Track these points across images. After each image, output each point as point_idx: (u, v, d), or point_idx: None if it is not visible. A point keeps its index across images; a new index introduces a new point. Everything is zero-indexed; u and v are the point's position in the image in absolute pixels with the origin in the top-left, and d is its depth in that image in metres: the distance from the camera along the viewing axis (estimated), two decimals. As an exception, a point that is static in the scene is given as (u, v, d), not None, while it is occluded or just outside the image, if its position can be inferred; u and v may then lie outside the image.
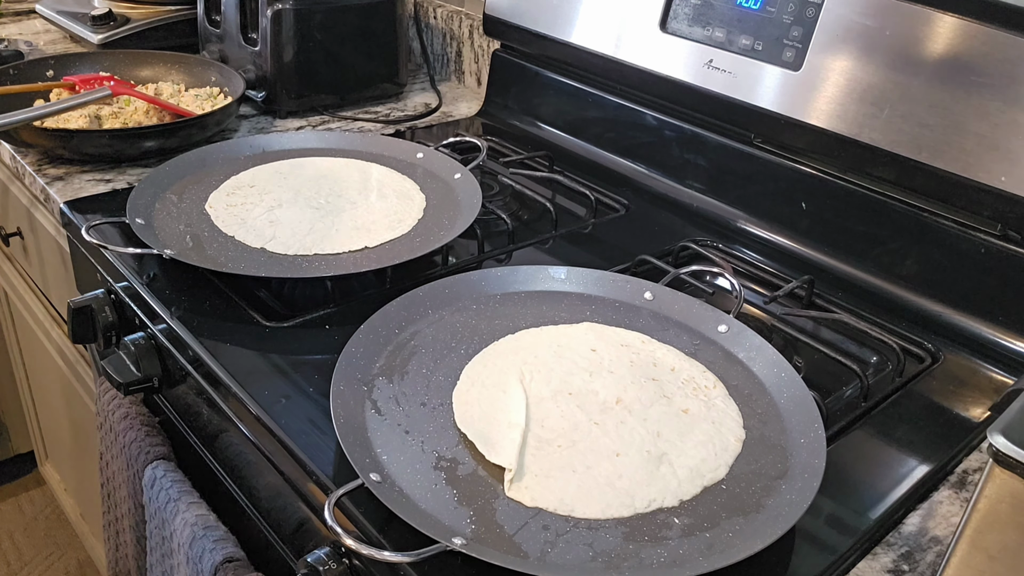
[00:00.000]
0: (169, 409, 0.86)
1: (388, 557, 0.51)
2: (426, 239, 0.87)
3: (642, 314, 0.77)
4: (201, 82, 1.25)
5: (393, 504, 0.53)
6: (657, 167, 1.08)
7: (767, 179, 0.96)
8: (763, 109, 0.93)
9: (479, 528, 0.54)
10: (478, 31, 1.37)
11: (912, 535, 0.59)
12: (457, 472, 0.58)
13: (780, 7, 0.90)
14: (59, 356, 1.35)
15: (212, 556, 0.69)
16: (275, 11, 1.17)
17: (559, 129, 1.19)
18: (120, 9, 1.40)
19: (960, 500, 0.62)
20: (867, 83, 0.84)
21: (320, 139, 1.09)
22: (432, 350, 0.70)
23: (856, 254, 0.89)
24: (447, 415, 0.64)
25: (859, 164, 0.87)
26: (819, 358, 0.76)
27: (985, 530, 0.45)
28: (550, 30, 1.15)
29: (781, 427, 0.64)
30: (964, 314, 0.81)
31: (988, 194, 0.77)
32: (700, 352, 0.72)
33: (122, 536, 0.95)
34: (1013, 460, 0.42)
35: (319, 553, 0.57)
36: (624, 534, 0.55)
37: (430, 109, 1.32)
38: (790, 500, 0.56)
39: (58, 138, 1.02)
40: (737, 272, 0.88)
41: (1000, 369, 0.77)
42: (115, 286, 0.85)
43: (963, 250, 0.81)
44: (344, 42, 1.25)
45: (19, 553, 1.79)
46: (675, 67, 1.01)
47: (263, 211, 0.90)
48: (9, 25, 1.57)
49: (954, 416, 0.71)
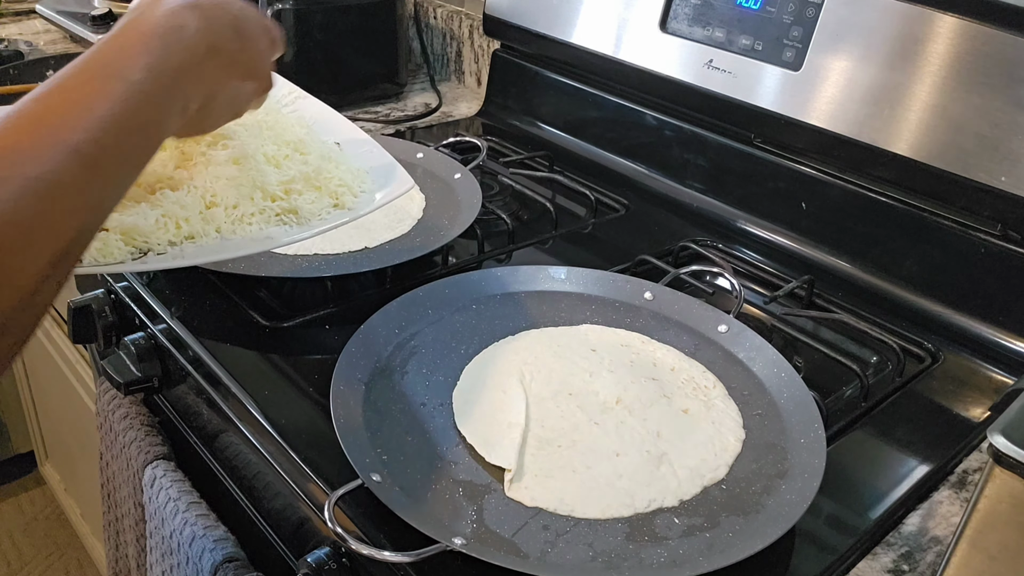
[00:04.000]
0: (169, 409, 0.86)
1: (388, 557, 0.51)
2: (426, 239, 0.87)
3: (642, 314, 0.77)
4: (201, 82, 1.24)
5: (393, 504, 0.53)
6: (657, 167, 1.08)
7: (767, 179, 0.96)
8: (763, 109, 0.93)
9: (479, 528, 0.54)
10: (478, 31, 1.37)
11: (912, 535, 0.59)
12: (457, 472, 0.58)
13: (780, 7, 0.90)
14: (59, 356, 1.35)
15: (212, 556, 0.69)
16: (275, 11, 1.17)
17: (559, 129, 1.19)
18: (120, 9, 1.40)
19: (960, 500, 0.62)
20: (867, 83, 0.84)
21: (320, 139, 1.09)
22: (432, 350, 0.70)
23: (856, 254, 0.89)
24: (447, 415, 0.64)
25: (859, 164, 0.87)
26: (819, 358, 0.76)
27: (985, 530, 0.45)
28: (550, 30, 1.15)
29: (781, 427, 0.64)
30: (964, 314, 0.81)
31: (988, 194, 0.77)
32: (700, 352, 0.72)
33: (122, 536, 0.95)
34: (1013, 460, 0.42)
35: (319, 553, 0.57)
36: (624, 534, 0.55)
37: (430, 109, 1.32)
38: (790, 500, 0.56)
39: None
40: (737, 272, 0.88)
41: (1000, 369, 0.77)
42: (115, 286, 0.85)
43: (963, 250, 0.81)
44: (344, 42, 1.25)
45: (19, 553, 1.79)
46: (675, 67, 1.01)
47: (263, 211, 0.90)
48: (9, 25, 1.57)
49: (954, 416, 0.71)
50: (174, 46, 0.47)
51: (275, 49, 0.58)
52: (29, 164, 0.39)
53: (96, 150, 0.42)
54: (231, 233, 0.64)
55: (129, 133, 0.44)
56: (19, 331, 0.41)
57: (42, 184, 0.39)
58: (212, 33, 0.50)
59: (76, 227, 0.42)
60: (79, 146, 0.41)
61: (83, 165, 0.41)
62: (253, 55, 0.55)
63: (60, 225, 0.41)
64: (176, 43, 0.48)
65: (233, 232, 0.64)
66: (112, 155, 0.43)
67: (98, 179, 0.43)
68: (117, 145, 0.43)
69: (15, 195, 0.38)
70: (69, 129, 0.41)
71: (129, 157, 0.45)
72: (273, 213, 0.67)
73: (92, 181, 0.42)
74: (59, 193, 0.40)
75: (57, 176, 0.40)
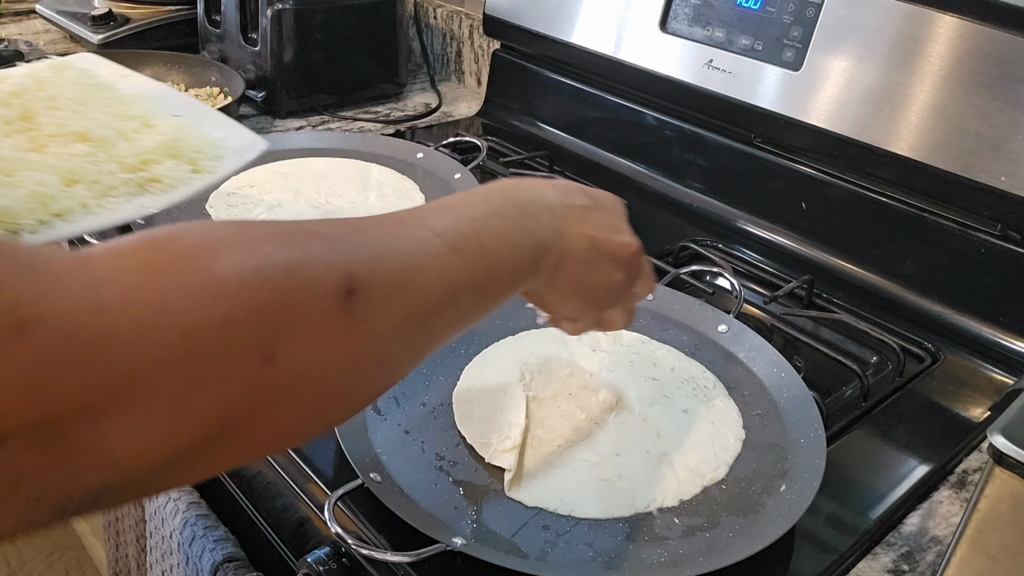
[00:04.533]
0: (169, 409, 0.86)
1: (388, 557, 0.51)
2: (426, 239, 0.87)
3: (642, 314, 0.77)
4: (201, 82, 1.24)
5: (393, 504, 0.53)
6: (657, 167, 1.08)
7: (767, 179, 0.96)
8: (763, 109, 0.93)
9: (479, 528, 0.54)
10: (478, 31, 1.37)
11: (912, 535, 0.59)
12: (457, 472, 0.58)
13: (780, 7, 0.90)
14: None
15: (212, 556, 0.69)
16: (275, 11, 1.17)
17: (559, 129, 1.19)
18: (120, 9, 1.40)
19: (960, 500, 0.62)
20: (867, 83, 0.84)
21: (320, 139, 1.09)
22: (432, 350, 0.70)
23: (856, 254, 0.89)
24: (447, 415, 0.64)
25: (859, 164, 0.87)
26: (819, 358, 0.76)
27: (985, 530, 0.45)
28: (550, 30, 1.15)
29: (781, 427, 0.64)
30: (964, 314, 0.81)
31: (988, 194, 0.77)
32: (700, 352, 0.72)
33: (122, 536, 0.95)
34: (1013, 460, 0.42)
35: (319, 553, 0.57)
36: (624, 534, 0.55)
37: (430, 109, 1.32)
38: (790, 500, 0.56)
39: (58, 138, 1.02)
40: (737, 272, 0.88)
41: (1000, 369, 0.77)
42: (115, 286, 0.85)
43: (963, 250, 0.81)
44: (344, 42, 1.25)
45: (19, 553, 1.79)
46: (675, 67, 1.01)
47: (263, 211, 0.90)
48: (9, 25, 1.57)
49: (954, 416, 0.71)
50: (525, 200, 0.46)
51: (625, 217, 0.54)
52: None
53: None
54: (99, 208, 0.64)
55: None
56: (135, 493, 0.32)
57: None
58: (562, 189, 0.49)
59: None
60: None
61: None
62: (609, 215, 0.52)
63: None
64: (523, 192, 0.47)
65: (101, 207, 0.64)
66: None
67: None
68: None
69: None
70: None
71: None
72: (135, 184, 0.67)
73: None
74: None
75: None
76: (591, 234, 0.49)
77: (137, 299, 0.28)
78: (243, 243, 0.32)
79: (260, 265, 0.31)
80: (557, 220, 0.47)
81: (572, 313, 0.52)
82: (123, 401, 0.27)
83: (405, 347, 0.38)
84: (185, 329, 0.29)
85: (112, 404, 0.27)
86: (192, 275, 0.30)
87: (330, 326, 0.33)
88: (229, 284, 0.30)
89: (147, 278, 0.29)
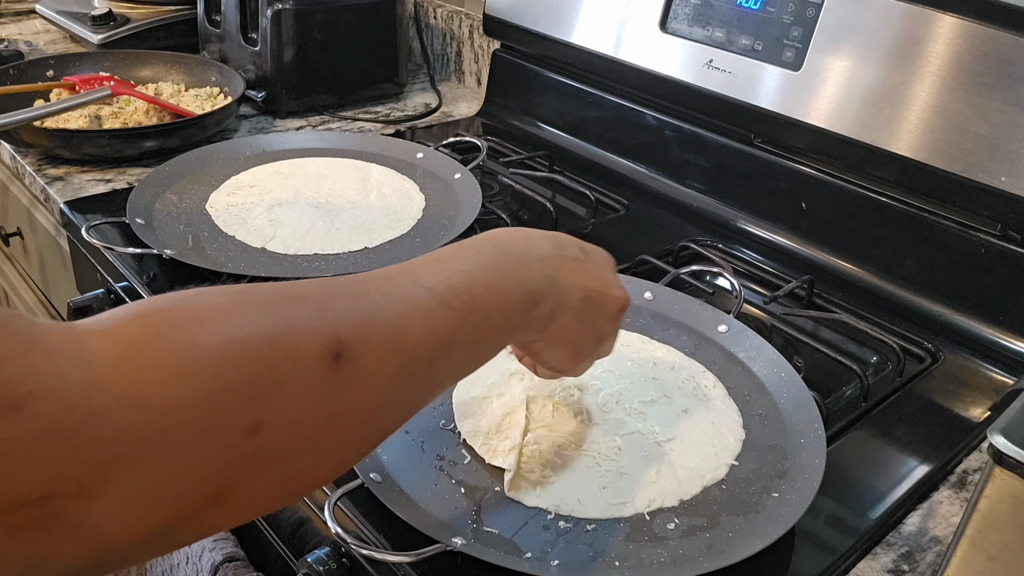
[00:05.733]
0: (169, 409, 0.86)
1: (388, 557, 0.51)
2: (426, 239, 0.87)
3: (642, 314, 0.77)
4: (201, 82, 1.25)
5: (393, 504, 0.53)
6: (657, 167, 1.08)
7: (767, 179, 0.96)
8: (763, 109, 0.93)
9: (479, 528, 0.54)
10: (478, 31, 1.37)
11: (912, 535, 0.59)
12: (457, 472, 0.58)
13: (780, 7, 0.90)
14: (59, 356, 1.35)
15: (212, 555, 0.69)
16: (275, 11, 1.17)
17: (559, 129, 1.19)
18: (120, 9, 1.40)
19: (960, 500, 0.62)
20: (867, 83, 0.84)
21: (320, 139, 1.09)
22: (432, 350, 0.70)
23: (856, 254, 0.89)
24: (447, 415, 0.64)
25: (859, 164, 0.87)
26: (819, 358, 0.76)
27: (985, 530, 0.45)
28: (550, 30, 1.15)
29: (781, 427, 0.64)
30: (964, 314, 0.81)
31: (988, 194, 0.77)
32: (700, 352, 0.72)
33: (122, 536, 0.95)
34: (1013, 460, 0.42)
35: (319, 553, 0.57)
36: (624, 534, 0.55)
37: (430, 109, 1.32)
38: (790, 500, 0.56)
39: (58, 138, 1.02)
40: (737, 272, 0.88)
41: (1000, 369, 0.77)
42: (115, 286, 0.85)
43: (963, 250, 0.81)
44: (344, 42, 1.25)
45: (19, 553, 1.79)
46: (675, 67, 1.01)
47: (263, 211, 0.90)
48: (9, 25, 1.57)
49: (954, 416, 0.71)
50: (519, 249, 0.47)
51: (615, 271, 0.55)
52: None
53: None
54: None
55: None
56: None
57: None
58: (554, 240, 0.50)
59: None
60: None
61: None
62: (602, 269, 0.52)
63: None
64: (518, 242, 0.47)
65: None
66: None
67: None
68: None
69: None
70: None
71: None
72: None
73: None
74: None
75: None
76: (586, 285, 0.49)
77: (125, 375, 0.28)
78: (229, 313, 0.32)
79: (245, 335, 0.32)
80: (551, 269, 0.47)
81: (557, 363, 0.53)
82: (111, 478, 0.28)
83: (395, 404, 0.38)
84: (170, 403, 0.29)
85: (100, 481, 0.27)
86: (177, 348, 0.30)
87: (318, 390, 0.33)
88: (212, 356, 0.30)
89: (134, 353, 0.29)
